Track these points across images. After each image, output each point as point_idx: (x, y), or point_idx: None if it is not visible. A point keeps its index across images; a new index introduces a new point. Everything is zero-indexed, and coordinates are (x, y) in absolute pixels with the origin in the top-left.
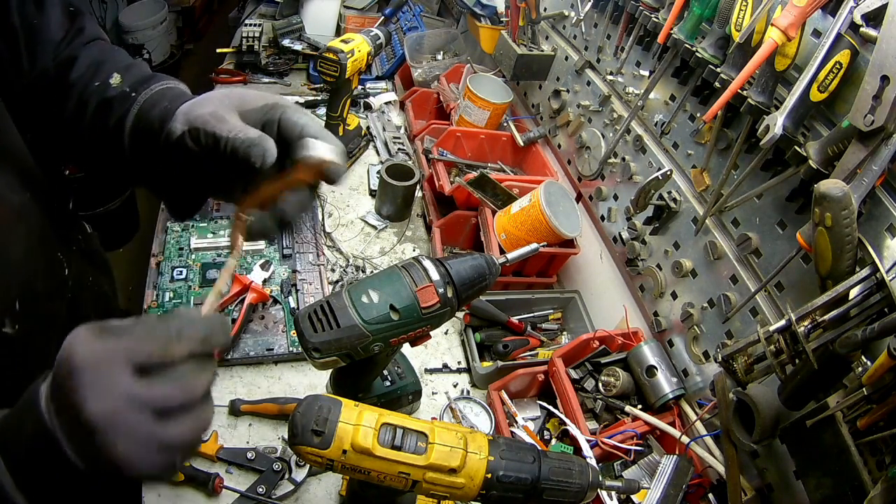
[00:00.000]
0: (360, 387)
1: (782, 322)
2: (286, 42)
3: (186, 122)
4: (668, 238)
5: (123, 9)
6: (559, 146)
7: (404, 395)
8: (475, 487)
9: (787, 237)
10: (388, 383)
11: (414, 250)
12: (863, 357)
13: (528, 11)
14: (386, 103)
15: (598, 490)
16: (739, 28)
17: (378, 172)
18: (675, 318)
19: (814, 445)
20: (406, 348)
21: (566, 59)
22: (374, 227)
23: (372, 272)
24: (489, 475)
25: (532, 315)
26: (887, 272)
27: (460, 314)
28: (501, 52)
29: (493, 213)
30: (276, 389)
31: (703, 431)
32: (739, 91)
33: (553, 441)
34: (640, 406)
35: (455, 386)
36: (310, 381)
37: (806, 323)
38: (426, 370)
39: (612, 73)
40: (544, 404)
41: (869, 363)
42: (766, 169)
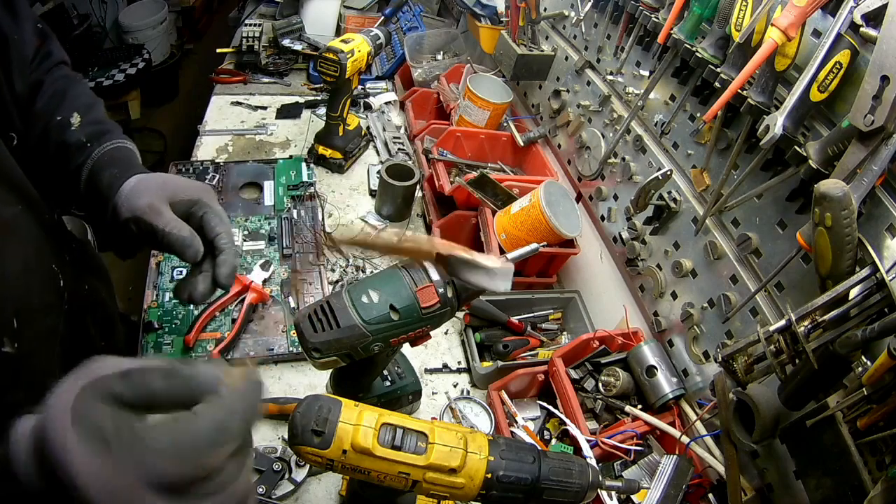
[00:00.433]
0: (360, 387)
1: (782, 322)
2: (286, 42)
3: (129, 211)
4: (668, 238)
5: (123, 9)
6: (559, 146)
7: (404, 395)
8: (475, 487)
9: (787, 237)
10: (388, 383)
11: None
12: (863, 357)
13: (528, 11)
14: (386, 103)
15: (598, 490)
16: (739, 28)
17: (378, 172)
18: (675, 318)
19: (814, 445)
20: (406, 348)
21: (566, 59)
22: (374, 227)
23: (372, 272)
24: (489, 475)
25: (532, 315)
26: (887, 272)
27: (460, 314)
28: (501, 52)
29: (493, 213)
30: (276, 389)
31: (703, 431)
32: (739, 91)
33: (553, 441)
34: (640, 406)
35: (455, 386)
36: (310, 381)
37: (806, 323)
38: (426, 370)
39: (612, 73)
40: (544, 404)
41: (869, 363)
42: (766, 169)
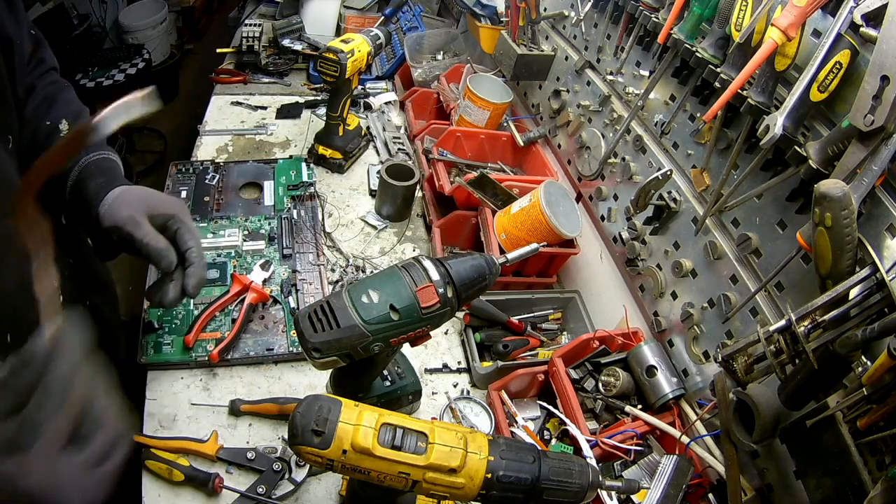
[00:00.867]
0: (360, 387)
1: (782, 322)
2: (286, 42)
3: (110, 221)
4: (668, 238)
5: (123, 9)
6: (559, 146)
7: (404, 395)
8: (475, 487)
9: (787, 237)
10: (388, 383)
11: (414, 250)
12: (863, 357)
13: (528, 11)
14: (386, 103)
15: (598, 490)
16: (739, 28)
17: (378, 172)
18: (675, 318)
19: (814, 445)
20: (406, 348)
21: (566, 59)
22: (374, 227)
23: (372, 272)
24: (489, 475)
25: (532, 315)
26: (887, 272)
27: (460, 314)
28: (501, 52)
29: (493, 213)
30: (276, 389)
31: (703, 431)
32: (739, 91)
33: (553, 441)
34: (640, 406)
35: (455, 386)
36: (310, 381)
37: (806, 323)
38: (426, 370)
39: (612, 73)
40: (544, 404)
41: (869, 363)
42: (766, 169)
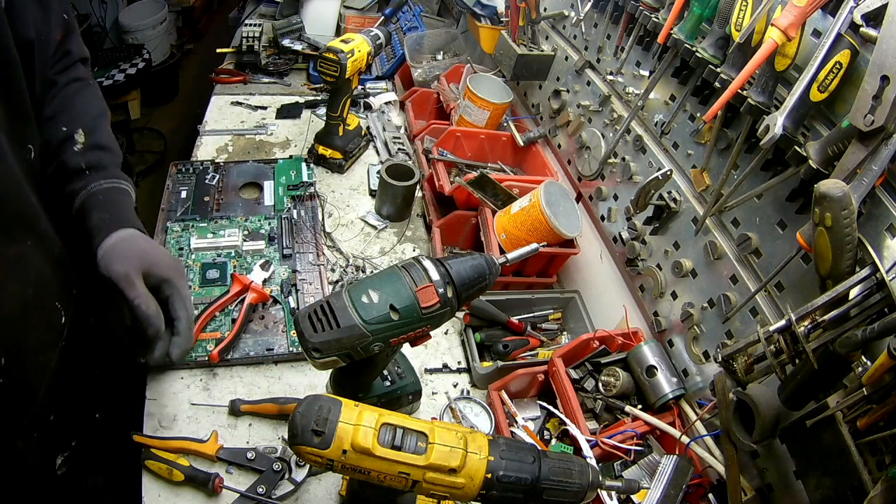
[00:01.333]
0: (360, 387)
1: (782, 322)
2: (286, 42)
3: (105, 271)
4: (668, 238)
5: (123, 9)
6: (559, 146)
7: (404, 395)
8: (475, 487)
9: (787, 237)
10: (388, 383)
11: (414, 250)
12: (863, 357)
13: (528, 11)
14: (386, 103)
15: (598, 490)
16: (739, 28)
17: (378, 172)
18: (675, 318)
19: (814, 445)
20: (406, 348)
21: (566, 59)
22: (374, 227)
23: (372, 272)
24: (489, 475)
25: (532, 315)
26: (887, 272)
27: (460, 314)
28: (501, 52)
29: (493, 213)
30: (276, 389)
31: (703, 431)
32: (739, 91)
33: (553, 441)
34: (640, 406)
35: (455, 386)
36: (310, 381)
37: (806, 323)
38: (426, 370)
39: (612, 73)
40: (544, 404)
41: (869, 363)
42: (766, 169)
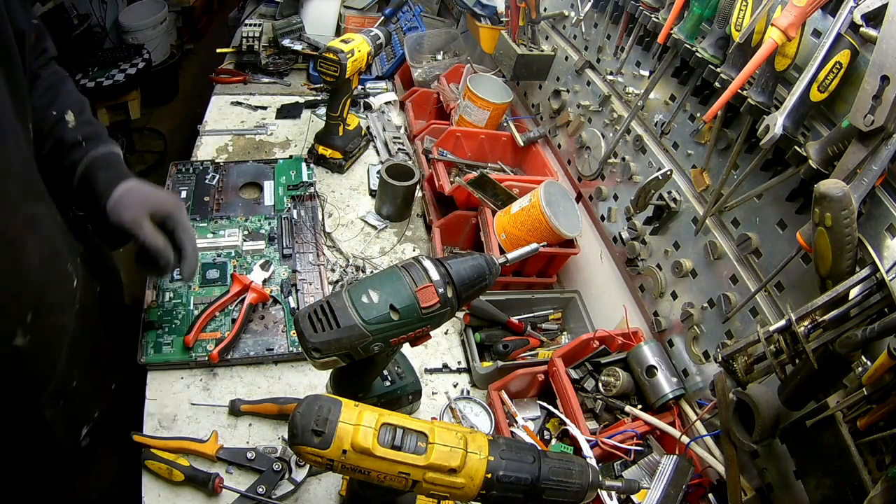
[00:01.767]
0: (360, 387)
1: (782, 322)
2: (286, 42)
3: (116, 220)
4: (668, 238)
5: (123, 9)
6: (559, 146)
7: (404, 395)
8: (475, 487)
9: (787, 237)
10: (388, 383)
11: (414, 250)
12: (863, 357)
13: (528, 11)
14: (386, 103)
15: (598, 490)
16: (739, 28)
17: (378, 172)
18: (675, 318)
19: (814, 445)
20: (406, 348)
21: (566, 59)
22: (374, 227)
23: (372, 272)
24: (489, 475)
25: (532, 315)
26: (887, 272)
27: (460, 314)
28: (501, 52)
29: (493, 213)
30: (276, 389)
31: (703, 431)
32: (739, 91)
33: (553, 441)
34: (640, 406)
35: (455, 386)
36: (310, 381)
37: (806, 323)
38: (426, 370)
39: (612, 73)
40: (544, 404)
41: (869, 363)
42: (766, 169)
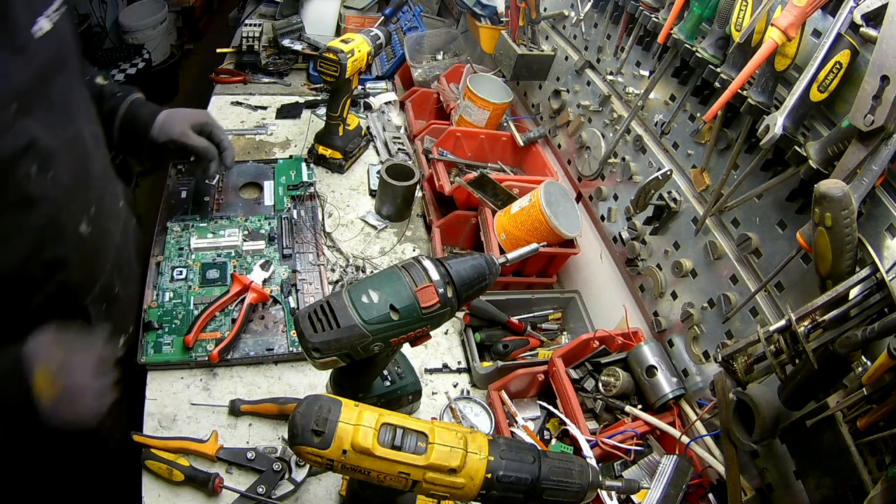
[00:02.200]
0: (360, 387)
1: (782, 322)
2: (286, 42)
3: (166, 136)
4: (668, 238)
5: (123, 9)
6: (559, 146)
7: (404, 395)
8: (475, 487)
9: (787, 237)
10: (388, 383)
11: (414, 250)
12: (863, 357)
13: (528, 11)
14: (386, 103)
15: (598, 490)
16: (739, 28)
17: (378, 172)
18: (675, 318)
19: (814, 445)
20: (406, 348)
21: (566, 59)
22: (374, 227)
23: (372, 272)
24: (489, 475)
25: (532, 315)
26: (887, 272)
27: (460, 314)
28: (501, 52)
29: (493, 213)
30: (276, 389)
31: (703, 431)
32: (739, 91)
33: (553, 441)
34: (640, 406)
35: (455, 386)
36: (310, 381)
37: (806, 323)
38: (426, 370)
39: (612, 73)
40: (544, 404)
41: (869, 363)
42: (766, 169)
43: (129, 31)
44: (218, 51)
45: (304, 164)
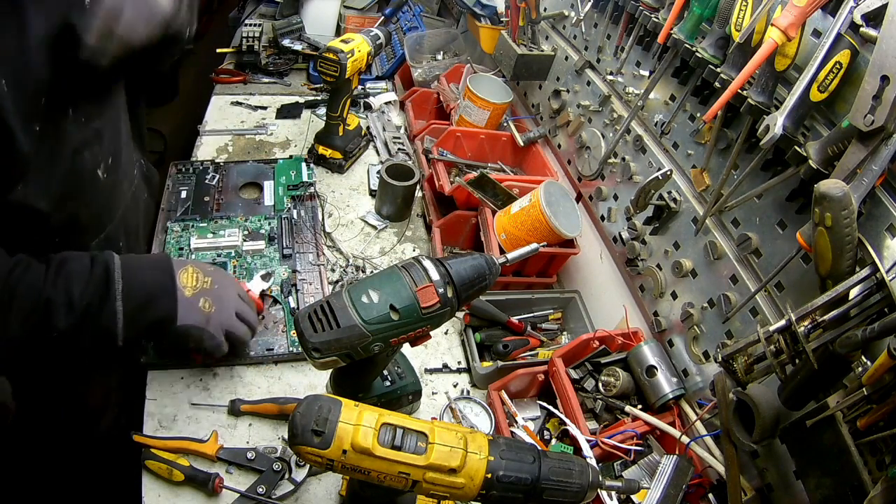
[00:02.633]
0: (360, 387)
1: (782, 322)
2: (286, 42)
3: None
4: (668, 238)
5: None
6: (559, 146)
7: (404, 395)
8: (475, 487)
9: (787, 237)
10: (388, 383)
11: (414, 250)
12: (863, 357)
13: (528, 11)
14: (386, 103)
15: (598, 490)
16: (739, 28)
17: (378, 172)
18: (675, 318)
19: (814, 445)
20: (406, 348)
21: (566, 59)
22: (374, 227)
23: (372, 272)
24: (489, 475)
25: (532, 315)
26: (887, 272)
27: (460, 314)
28: (501, 52)
29: (493, 213)
30: (276, 389)
31: (703, 431)
32: (739, 91)
33: (553, 441)
34: (640, 406)
35: (455, 386)
36: (310, 381)
37: (806, 323)
38: (426, 370)
39: (612, 73)
40: (544, 404)
41: (869, 363)
42: (766, 169)
43: None
44: (218, 51)
45: (304, 164)
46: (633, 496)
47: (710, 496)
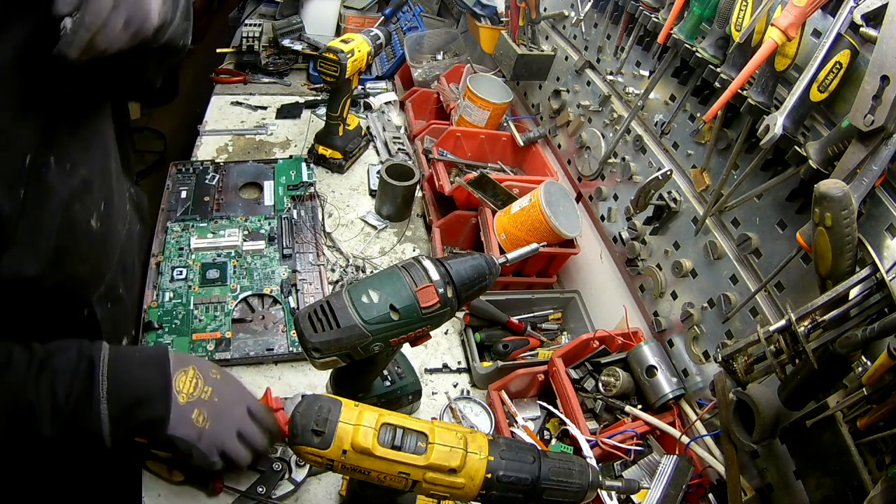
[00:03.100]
0: (360, 387)
1: (782, 322)
2: (286, 42)
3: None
4: (668, 238)
5: None
6: (559, 146)
7: (404, 395)
8: (475, 487)
9: (787, 237)
10: (388, 383)
11: (414, 250)
12: (863, 357)
13: (528, 11)
14: (386, 103)
15: (598, 490)
16: (739, 28)
17: (378, 172)
18: (675, 318)
19: (814, 445)
20: (406, 348)
21: (566, 59)
22: (374, 227)
23: (372, 272)
24: (489, 475)
25: (532, 315)
26: (887, 272)
27: (460, 314)
28: (501, 52)
29: (493, 213)
30: (276, 389)
31: (703, 431)
32: (739, 91)
33: (553, 441)
34: (640, 406)
35: (455, 386)
36: (310, 381)
37: (806, 323)
38: (426, 370)
39: (612, 73)
40: (544, 404)
41: (869, 363)
42: (766, 169)
43: None
44: (218, 51)
45: (304, 164)
46: (633, 496)
47: (710, 496)
